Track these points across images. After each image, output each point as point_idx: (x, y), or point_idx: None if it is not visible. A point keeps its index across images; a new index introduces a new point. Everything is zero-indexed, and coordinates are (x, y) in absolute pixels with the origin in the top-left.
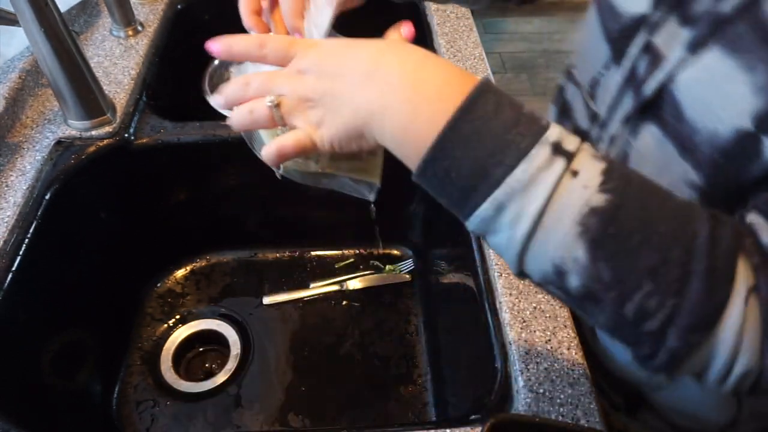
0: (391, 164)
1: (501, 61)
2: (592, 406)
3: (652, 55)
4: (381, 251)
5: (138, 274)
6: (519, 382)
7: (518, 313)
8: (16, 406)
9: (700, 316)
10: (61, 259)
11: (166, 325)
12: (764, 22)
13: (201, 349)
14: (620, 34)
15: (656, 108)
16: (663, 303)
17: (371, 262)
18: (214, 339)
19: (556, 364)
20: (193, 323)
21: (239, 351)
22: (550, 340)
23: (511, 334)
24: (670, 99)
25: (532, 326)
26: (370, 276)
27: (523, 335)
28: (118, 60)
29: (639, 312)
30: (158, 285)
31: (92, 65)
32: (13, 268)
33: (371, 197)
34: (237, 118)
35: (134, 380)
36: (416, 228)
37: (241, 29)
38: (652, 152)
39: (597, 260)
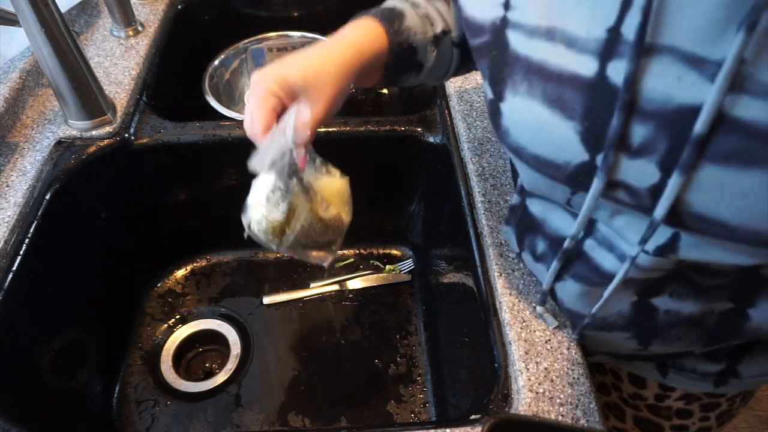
0: (393, 165)
1: None
2: (592, 406)
3: (627, 190)
4: (381, 251)
5: (138, 274)
6: (519, 382)
7: (518, 313)
8: (16, 406)
9: None
10: (61, 259)
11: (166, 325)
12: (748, 126)
13: (201, 349)
14: (574, 178)
15: (680, 222)
16: None
17: (371, 262)
18: (214, 339)
19: (556, 364)
20: (193, 323)
21: (239, 351)
22: (550, 340)
23: (511, 334)
24: (689, 215)
25: (532, 326)
26: (370, 276)
27: (523, 335)
28: (118, 60)
29: None
30: (158, 285)
31: (92, 65)
32: (13, 268)
33: (326, 264)
34: None
35: (134, 380)
36: (416, 228)
37: (238, 31)
38: (696, 254)
39: None
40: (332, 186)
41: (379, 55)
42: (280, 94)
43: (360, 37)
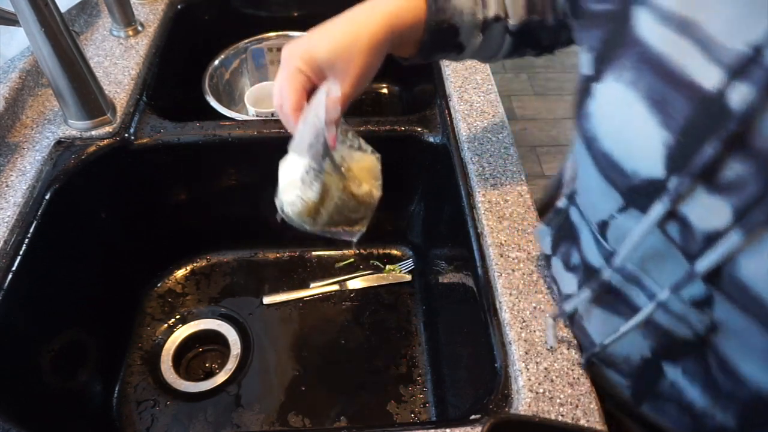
0: (393, 165)
1: (501, 61)
2: (592, 406)
3: (684, 227)
4: (381, 251)
5: (138, 274)
6: (519, 382)
7: (518, 313)
8: (16, 406)
9: None
10: (61, 259)
11: (166, 325)
12: None
13: (201, 349)
14: (634, 192)
15: (717, 281)
16: None
17: (371, 262)
18: (214, 339)
19: (556, 364)
20: (193, 323)
21: (239, 351)
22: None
23: (511, 334)
24: (731, 278)
25: (532, 326)
26: (370, 276)
27: (523, 335)
28: (118, 60)
29: None
30: (158, 285)
31: (92, 65)
32: (13, 268)
33: (355, 240)
34: None
35: (134, 380)
36: (416, 228)
37: (238, 31)
38: (729, 322)
39: None
40: (364, 162)
41: (416, 28)
42: (308, 72)
43: (396, 6)
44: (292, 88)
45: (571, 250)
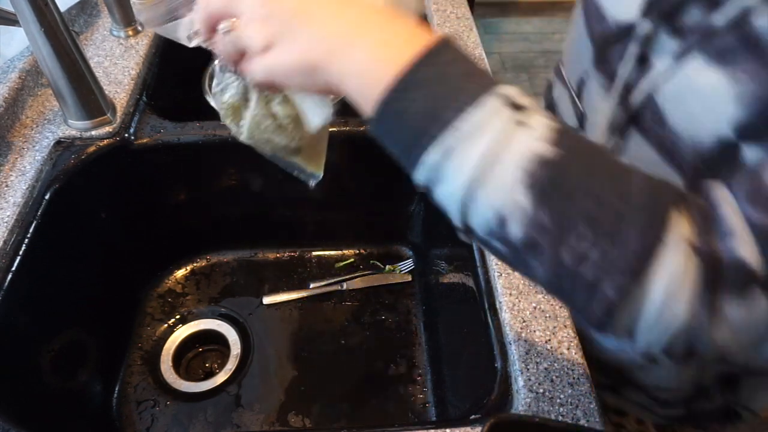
0: (393, 165)
1: (501, 61)
2: (592, 406)
3: (640, 66)
4: (381, 251)
5: (138, 274)
6: (519, 382)
7: (518, 313)
8: (16, 406)
9: (628, 261)
10: (61, 259)
11: (166, 325)
12: (752, 35)
13: (201, 349)
14: (604, 39)
15: (638, 115)
16: (595, 246)
17: (371, 262)
18: (214, 339)
19: (556, 364)
20: (193, 323)
21: (239, 351)
22: (549, 340)
23: (511, 334)
24: (652, 107)
25: (532, 326)
26: (370, 276)
27: (523, 335)
28: (118, 60)
29: (574, 258)
30: (158, 285)
31: (92, 65)
32: (13, 268)
33: (311, 183)
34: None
35: (134, 380)
36: (416, 228)
37: None
38: (635, 158)
39: (538, 206)
40: None
41: None
42: None
43: None
44: None
45: None
